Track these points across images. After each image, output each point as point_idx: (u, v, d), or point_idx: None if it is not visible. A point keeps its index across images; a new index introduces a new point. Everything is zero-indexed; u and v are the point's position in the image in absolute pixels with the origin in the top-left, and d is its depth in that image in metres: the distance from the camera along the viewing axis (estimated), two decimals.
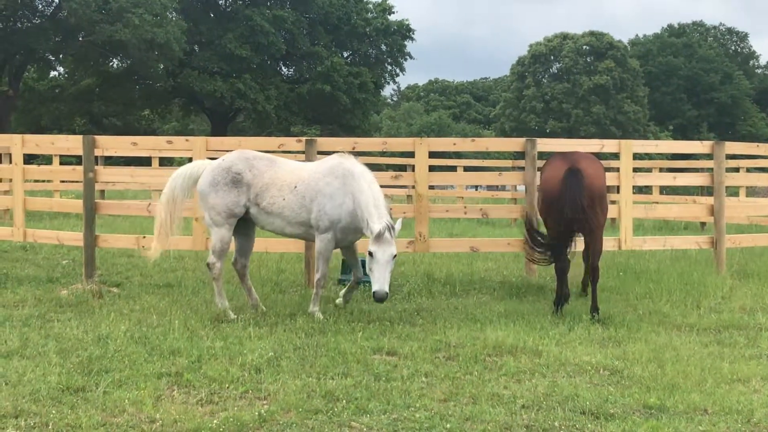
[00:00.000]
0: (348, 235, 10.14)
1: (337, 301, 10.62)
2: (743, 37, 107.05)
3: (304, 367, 7.60)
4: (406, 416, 6.25)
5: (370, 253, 9.39)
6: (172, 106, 72.24)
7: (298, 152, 13.84)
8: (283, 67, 74.70)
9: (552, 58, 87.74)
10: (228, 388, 6.92)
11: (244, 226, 10.50)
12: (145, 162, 26.69)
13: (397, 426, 6.05)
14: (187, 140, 13.97)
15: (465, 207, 14.95)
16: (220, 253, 10.31)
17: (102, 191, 22.23)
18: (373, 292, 9.31)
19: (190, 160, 13.21)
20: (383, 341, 8.60)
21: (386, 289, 9.33)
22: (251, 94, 63.94)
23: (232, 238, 10.51)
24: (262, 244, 12.79)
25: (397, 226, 9.74)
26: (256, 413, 6.19)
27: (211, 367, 7.48)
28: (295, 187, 10.05)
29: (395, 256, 9.50)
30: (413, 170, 13.36)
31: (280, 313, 10.02)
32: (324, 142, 12.94)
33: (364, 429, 5.98)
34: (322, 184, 9.97)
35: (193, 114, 76.18)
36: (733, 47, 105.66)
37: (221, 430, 5.83)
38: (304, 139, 12.95)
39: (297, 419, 6.13)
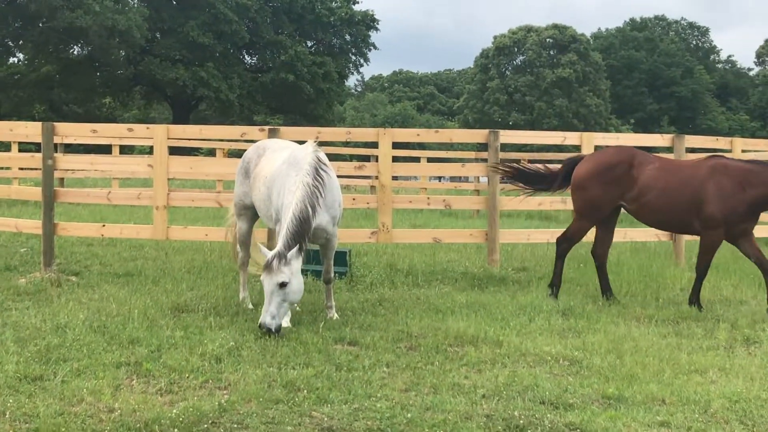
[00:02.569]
0: None
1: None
2: (704, 32, 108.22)
3: (265, 357, 7.57)
4: (367, 406, 6.24)
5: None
6: (133, 94, 71.55)
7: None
8: (246, 56, 74.37)
9: (516, 50, 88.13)
10: (188, 377, 6.88)
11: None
12: (105, 150, 26.44)
13: (357, 416, 6.05)
14: (147, 128, 13.84)
15: (428, 198, 14.95)
16: (239, 243, 10.44)
17: (61, 179, 21.99)
18: (259, 324, 8.41)
19: (151, 148, 13.13)
20: (345, 331, 8.59)
21: (267, 321, 8.30)
22: (214, 82, 63.58)
23: (251, 229, 10.49)
24: (222, 232, 12.74)
25: (292, 253, 8.51)
26: (216, 403, 6.15)
27: (171, 356, 7.42)
28: (266, 177, 9.57)
29: (284, 284, 8.39)
30: (377, 161, 13.35)
31: (241, 303, 9.97)
32: (287, 132, 12.87)
33: (325, 419, 5.97)
34: (283, 175, 9.22)
35: (154, 102, 75.59)
36: (694, 42, 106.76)
37: (180, 419, 5.79)
38: (266, 128, 12.88)
39: (257, 409, 6.11)
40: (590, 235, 11.64)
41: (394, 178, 15.80)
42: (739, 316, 10.14)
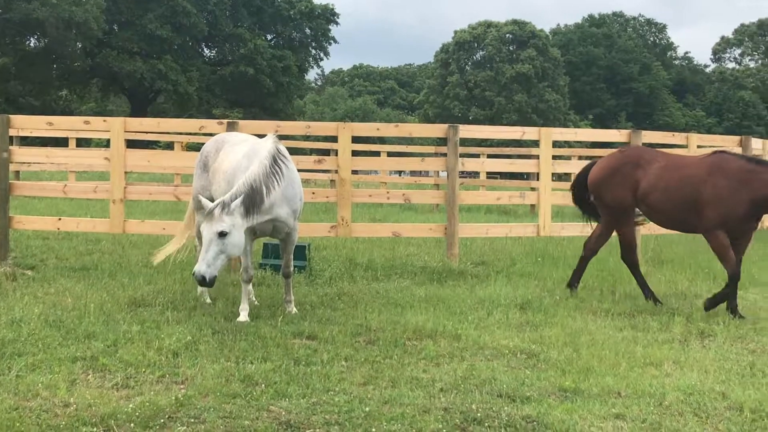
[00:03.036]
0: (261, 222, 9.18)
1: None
2: (662, 28, 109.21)
3: (223, 351, 7.54)
4: (325, 400, 6.24)
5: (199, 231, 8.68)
6: (90, 87, 70.73)
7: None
8: (205, 49, 73.92)
9: (476, 45, 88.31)
10: (144, 372, 6.83)
11: None
12: (61, 143, 26.16)
13: (315, 410, 6.04)
14: (104, 121, 13.73)
15: (388, 192, 14.98)
16: (197, 237, 10.24)
17: (17, 172, 21.72)
18: (193, 272, 8.43)
19: (108, 141, 13.01)
20: (304, 326, 8.57)
21: (203, 269, 8.20)
22: (172, 75, 63.10)
23: None
24: (180, 226, 12.66)
25: (236, 204, 8.45)
26: (173, 397, 6.11)
27: (128, 351, 7.37)
28: (226, 172, 9.49)
29: (223, 233, 8.34)
30: (336, 155, 13.33)
31: (199, 297, 9.92)
32: (246, 125, 12.82)
33: (283, 413, 5.95)
34: (243, 169, 9.12)
35: (112, 95, 74.77)
36: (651, 38, 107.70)
37: (137, 414, 5.75)
38: (225, 121, 12.82)
39: (215, 403, 6.08)
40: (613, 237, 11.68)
41: (354, 172, 15.78)
42: (694, 310, 10.28)
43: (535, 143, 15.17)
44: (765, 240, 17.02)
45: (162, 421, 5.72)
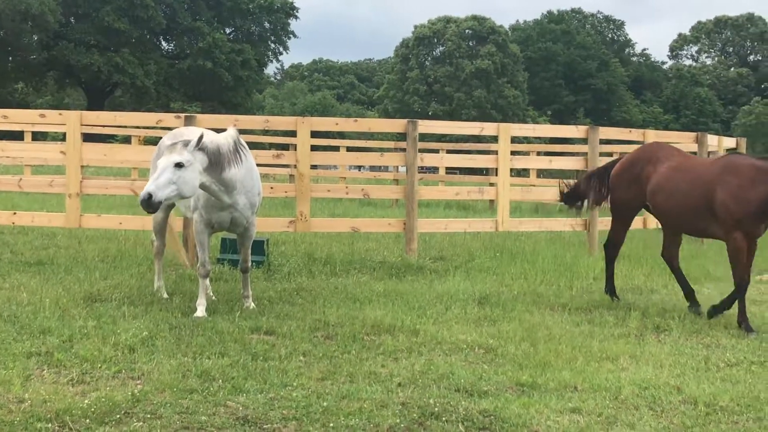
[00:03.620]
0: (212, 214, 9.10)
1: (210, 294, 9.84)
2: (620, 25, 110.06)
3: (180, 346, 7.49)
4: (282, 395, 6.22)
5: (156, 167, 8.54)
6: (46, 80, 69.81)
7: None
8: (163, 42, 73.27)
9: (435, 41, 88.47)
10: (100, 368, 6.76)
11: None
12: (17, 136, 25.79)
13: (273, 405, 6.02)
14: (60, 114, 13.60)
15: (347, 187, 14.99)
16: (154, 232, 10.29)
17: None
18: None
19: (64, 135, 12.87)
20: (262, 321, 8.54)
21: (151, 188, 8.09)
22: (130, 68, 62.53)
23: (167, 218, 10.32)
24: (136, 221, 12.62)
25: (203, 145, 8.49)
26: (129, 393, 6.06)
27: (83, 346, 7.29)
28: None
29: (180, 164, 8.26)
30: (295, 150, 13.30)
31: (156, 293, 9.85)
32: (204, 119, 12.75)
33: (240, 408, 5.93)
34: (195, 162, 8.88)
35: (68, 88, 73.90)
36: (609, 35, 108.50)
37: (93, 410, 5.69)
38: (183, 115, 12.74)
39: (171, 399, 6.04)
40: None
41: (313, 167, 15.76)
42: (649, 305, 10.39)
43: (494, 139, 15.24)
44: None
45: (118, 416, 5.67)
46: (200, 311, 8.88)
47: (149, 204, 8.10)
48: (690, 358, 7.88)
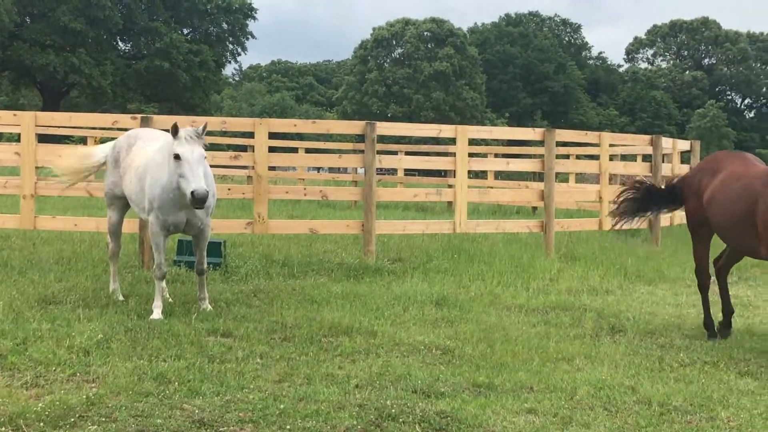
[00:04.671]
0: (169, 215, 9.04)
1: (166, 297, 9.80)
2: (576, 28, 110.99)
3: (136, 349, 7.43)
4: (239, 397, 6.20)
5: (177, 156, 8.56)
6: (1, 80, 68.95)
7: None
8: (120, 42, 72.64)
9: (394, 43, 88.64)
10: (54, 370, 6.69)
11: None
12: None
13: (230, 407, 5.99)
14: (15, 115, 13.45)
15: (305, 189, 14.94)
16: (110, 234, 10.23)
17: None
18: (192, 192, 8.37)
19: (19, 135, 12.72)
20: (218, 323, 8.50)
21: (204, 185, 8.40)
22: (86, 69, 61.90)
23: (122, 219, 10.32)
24: (92, 223, 12.52)
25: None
26: (84, 396, 6.00)
27: (37, 349, 7.20)
28: (137, 169, 9.35)
29: (204, 156, 8.70)
30: (254, 151, 13.26)
31: (111, 295, 9.77)
32: (160, 120, 12.65)
33: (196, 411, 5.89)
34: (157, 164, 9.05)
35: (23, 88, 73.00)
36: (567, 38, 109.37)
37: (47, 413, 5.63)
38: (139, 116, 12.65)
39: (127, 402, 5.99)
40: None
41: (272, 168, 15.70)
42: (605, 306, 10.51)
43: (452, 141, 15.29)
44: (672, 236, 17.44)
45: (72, 420, 5.62)
46: (156, 313, 8.83)
47: (205, 199, 8.43)
48: (644, 359, 7.97)
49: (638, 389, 6.82)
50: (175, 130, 8.64)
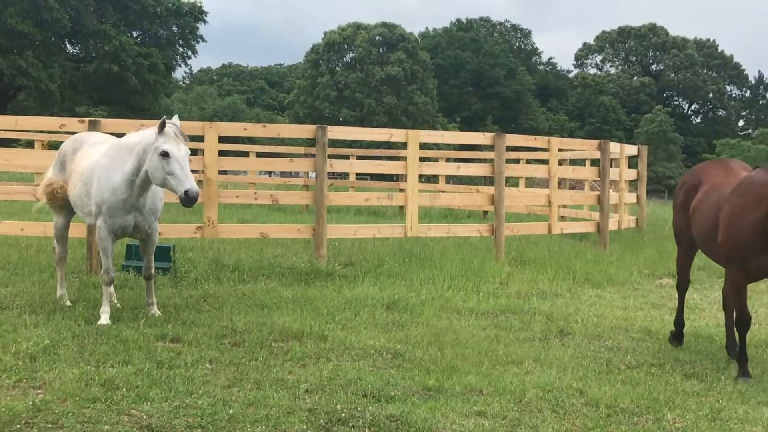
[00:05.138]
0: (117, 219, 8.99)
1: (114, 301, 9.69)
2: (527, 34, 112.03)
3: (83, 355, 7.35)
4: (188, 403, 6.15)
5: (165, 153, 8.41)
6: None
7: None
8: (68, 45, 71.82)
9: (346, 47, 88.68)
10: (0, 377, 6.59)
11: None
12: None
13: (178, 413, 5.95)
14: None
15: (255, 193, 14.85)
16: (56, 238, 10.10)
17: None
18: (186, 191, 8.26)
19: None
20: (167, 328, 8.43)
21: (197, 186, 8.40)
22: (33, 71, 61.10)
23: (68, 224, 10.15)
24: (38, 227, 12.36)
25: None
26: (30, 402, 5.92)
27: None
28: (83, 173, 9.24)
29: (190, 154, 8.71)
30: (203, 155, 13.18)
31: (58, 300, 9.64)
32: (108, 124, 12.53)
33: (144, 417, 5.84)
34: (105, 168, 8.95)
35: None
36: (517, 44, 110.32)
37: None
38: (87, 120, 12.52)
39: (74, 408, 5.91)
40: None
41: (223, 172, 15.61)
42: (554, 309, 10.59)
43: (403, 145, 15.31)
44: (620, 240, 17.64)
45: (18, 426, 5.55)
46: (104, 319, 8.73)
47: (196, 198, 8.39)
48: (592, 361, 8.05)
49: (586, 391, 6.89)
50: (162, 126, 8.56)
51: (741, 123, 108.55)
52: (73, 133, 11.43)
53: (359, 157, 26.90)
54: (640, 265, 14.64)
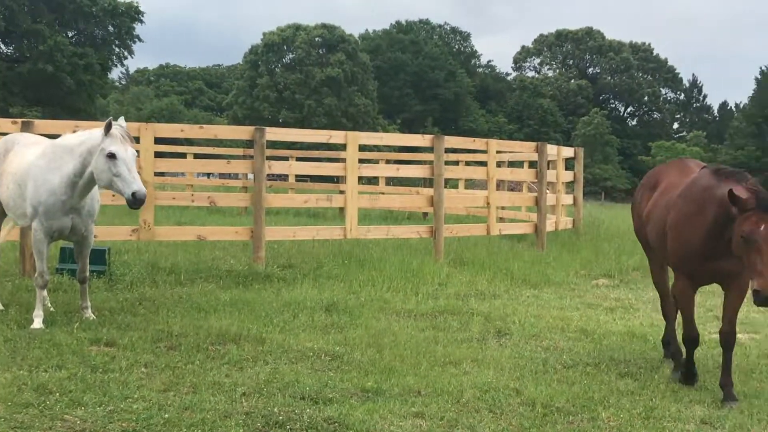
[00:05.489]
0: (54, 221, 8.84)
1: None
2: (466, 36, 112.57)
3: (15, 359, 7.22)
4: (123, 408, 6.07)
5: (112, 155, 8.32)
6: None
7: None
8: (1, 45, 70.36)
9: (285, 48, 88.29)
10: None
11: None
12: None
13: (113, 417, 5.87)
14: None
15: (192, 195, 14.74)
16: None
17: None
18: (134, 193, 8.22)
19: None
20: (102, 332, 8.32)
21: (144, 189, 8.38)
22: None
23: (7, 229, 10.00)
24: None
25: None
26: None
27: None
28: (15, 174, 9.11)
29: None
30: (139, 156, 13.02)
31: None
32: (42, 125, 12.33)
33: (78, 422, 5.76)
34: (42, 169, 8.82)
35: None
36: (456, 46, 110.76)
37: None
38: (20, 121, 12.30)
39: (5, 413, 5.81)
40: None
41: (161, 174, 15.43)
42: (492, 310, 10.67)
43: (342, 147, 15.31)
44: (557, 241, 17.83)
45: None
46: (37, 323, 8.60)
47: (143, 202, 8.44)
48: (529, 361, 8.13)
49: (523, 391, 6.95)
50: (108, 127, 8.48)
51: (676, 125, 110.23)
52: (6, 134, 11.22)
53: (299, 159, 26.84)
54: (577, 266, 14.82)
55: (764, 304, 6.20)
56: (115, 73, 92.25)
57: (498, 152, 17.91)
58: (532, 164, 19.80)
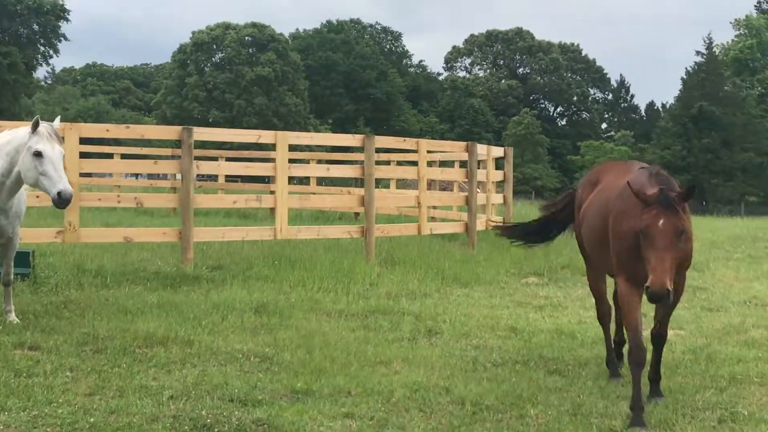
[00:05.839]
0: None
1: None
2: (397, 36, 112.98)
3: None
4: (47, 412, 5.96)
5: (39, 153, 8.21)
6: None
7: None
8: None
9: (215, 47, 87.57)
10: None
11: None
12: None
13: (37, 422, 5.76)
14: None
15: (119, 196, 14.53)
16: None
17: None
18: (59, 192, 8.08)
19: None
20: (26, 336, 8.16)
21: (71, 189, 8.23)
22: None
23: None
24: None
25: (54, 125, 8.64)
26: None
27: None
28: None
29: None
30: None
31: None
32: None
33: (1, 427, 5.63)
34: None
35: None
36: (388, 46, 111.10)
37: None
38: None
39: None
40: None
41: (88, 174, 15.17)
42: (423, 309, 10.70)
43: (272, 146, 15.23)
44: (488, 240, 17.95)
45: None
46: None
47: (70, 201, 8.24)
48: (459, 360, 8.18)
49: (452, 390, 6.99)
50: (35, 125, 8.32)
51: (604, 125, 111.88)
52: None
53: (228, 159, 26.63)
54: (507, 265, 14.93)
55: (657, 301, 6.19)
56: (41, 73, 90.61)
57: (429, 152, 17.99)
58: (463, 164, 19.90)
